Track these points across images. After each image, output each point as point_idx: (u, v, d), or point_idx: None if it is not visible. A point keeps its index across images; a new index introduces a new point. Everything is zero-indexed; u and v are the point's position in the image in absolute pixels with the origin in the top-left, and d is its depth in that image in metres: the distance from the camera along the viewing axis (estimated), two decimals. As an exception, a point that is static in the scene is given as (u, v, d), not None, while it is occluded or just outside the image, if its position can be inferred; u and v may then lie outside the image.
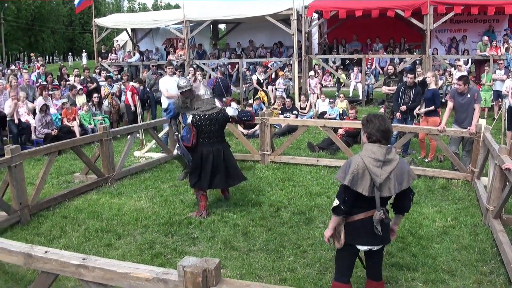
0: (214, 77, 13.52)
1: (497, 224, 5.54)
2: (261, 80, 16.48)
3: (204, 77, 15.87)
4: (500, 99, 12.52)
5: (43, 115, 10.77)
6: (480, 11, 15.29)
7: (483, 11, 15.31)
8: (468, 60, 16.00)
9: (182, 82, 6.78)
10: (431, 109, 8.85)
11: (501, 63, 13.34)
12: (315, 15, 17.54)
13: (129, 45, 22.35)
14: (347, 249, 3.65)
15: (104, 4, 73.17)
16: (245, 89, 17.11)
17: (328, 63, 17.92)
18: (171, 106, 7.28)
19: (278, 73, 16.82)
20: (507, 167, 5.20)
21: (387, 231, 3.63)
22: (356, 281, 4.43)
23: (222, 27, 26.27)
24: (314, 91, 15.35)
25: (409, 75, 9.36)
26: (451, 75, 14.67)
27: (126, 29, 21.46)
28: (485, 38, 15.25)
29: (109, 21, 20.45)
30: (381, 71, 16.83)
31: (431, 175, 7.99)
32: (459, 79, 8.22)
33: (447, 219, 6.13)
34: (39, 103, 11.11)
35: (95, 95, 12.87)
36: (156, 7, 75.17)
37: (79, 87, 13.01)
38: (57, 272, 3.05)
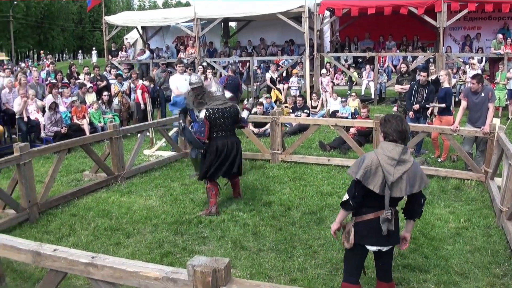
0: (225, 75, 13.49)
1: (510, 225, 5.44)
2: (274, 78, 16.41)
3: (214, 75, 15.86)
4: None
5: (52, 113, 10.81)
6: (494, 8, 15.06)
7: (497, 8, 15.08)
8: (482, 58, 15.84)
9: (193, 78, 7.00)
10: (442, 106, 8.74)
11: (516, 61, 13.17)
12: (327, 13, 17.47)
13: (139, 43, 22.40)
14: (356, 249, 3.62)
15: (114, 2, 73.43)
16: (255, 88, 17.06)
17: (340, 61, 17.81)
18: (181, 101, 7.38)
19: (292, 71, 16.72)
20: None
21: (396, 232, 3.61)
22: (367, 282, 4.38)
23: (233, 25, 26.30)
24: (326, 89, 15.26)
25: (422, 73, 9.27)
26: (464, 73, 14.51)
27: (136, 27, 21.51)
28: (500, 35, 15.03)
29: (119, 19, 20.51)
30: (394, 70, 16.71)
31: (444, 175, 7.89)
32: (473, 77, 8.11)
33: (460, 220, 6.04)
34: (48, 101, 11.15)
35: (105, 93, 12.90)
36: (166, 5, 75.30)
37: (89, 85, 13.07)
38: (65, 270, 3.04)
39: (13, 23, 50.67)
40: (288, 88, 16.65)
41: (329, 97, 14.25)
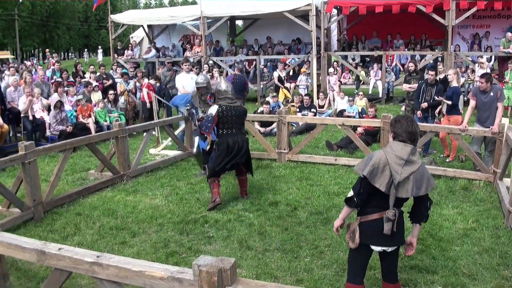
0: (231, 74, 13.46)
1: (520, 227, 5.38)
2: (282, 77, 16.40)
3: (221, 74, 15.84)
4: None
5: (58, 111, 10.81)
6: (504, 6, 14.93)
7: (507, 6, 15.00)
8: (491, 57, 15.70)
9: (200, 78, 7.10)
10: (449, 102, 8.67)
11: (526, 61, 13.03)
12: (334, 11, 17.37)
13: (145, 42, 22.42)
14: (361, 249, 3.62)
15: (120, 0, 73.63)
16: (262, 86, 17.03)
17: (347, 60, 17.73)
18: (181, 100, 7.46)
19: (300, 69, 16.66)
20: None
21: (401, 232, 3.60)
22: (374, 283, 4.36)
23: (239, 23, 26.27)
24: (333, 88, 15.19)
25: (430, 72, 9.20)
26: (473, 72, 14.39)
27: (142, 26, 21.52)
28: (509, 34, 14.85)
29: (125, 18, 20.54)
30: (402, 68, 16.63)
31: (452, 175, 7.81)
32: (482, 76, 8.01)
33: (468, 221, 5.97)
34: (53, 99, 11.17)
35: (111, 92, 12.88)
36: (172, 3, 75.40)
37: (95, 83, 13.08)
38: (70, 269, 3.04)
39: (19, 21, 50.99)
40: (295, 86, 16.59)
41: (336, 96, 14.21)
